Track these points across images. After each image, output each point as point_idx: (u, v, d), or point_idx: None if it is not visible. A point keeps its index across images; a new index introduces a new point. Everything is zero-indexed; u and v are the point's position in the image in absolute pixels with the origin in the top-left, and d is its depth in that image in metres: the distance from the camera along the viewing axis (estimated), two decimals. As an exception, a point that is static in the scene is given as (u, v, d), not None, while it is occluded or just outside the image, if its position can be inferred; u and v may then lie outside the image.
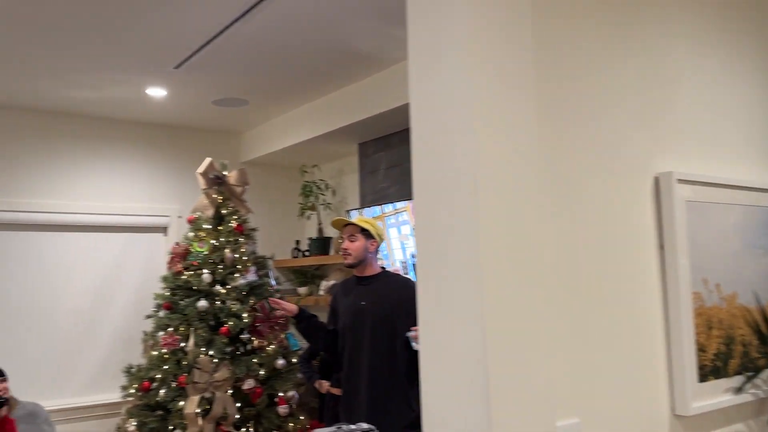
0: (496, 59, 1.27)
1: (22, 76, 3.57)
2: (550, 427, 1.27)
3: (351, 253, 2.95)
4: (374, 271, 3.01)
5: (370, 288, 2.96)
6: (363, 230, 2.94)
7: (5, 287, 4.07)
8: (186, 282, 3.72)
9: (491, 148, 1.25)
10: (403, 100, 3.51)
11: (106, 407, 4.25)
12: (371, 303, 2.91)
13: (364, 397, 2.81)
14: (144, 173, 4.63)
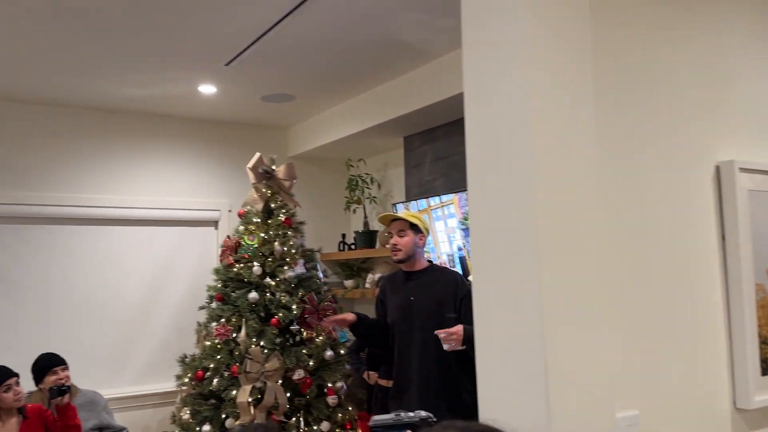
0: (553, 50, 1.27)
1: (82, 76, 3.70)
2: (610, 418, 1.27)
3: (401, 248, 2.94)
4: (422, 265, 3.02)
5: (418, 283, 2.96)
6: (412, 225, 2.94)
7: (66, 281, 4.24)
8: (237, 274, 3.81)
9: (548, 140, 1.25)
10: (448, 92, 3.51)
11: (161, 396, 4.38)
12: (420, 298, 2.92)
13: (415, 390, 2.83)
14: (195, 168, 4.75)
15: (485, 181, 1.32)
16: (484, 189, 1.32)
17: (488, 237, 1.28)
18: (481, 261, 1.28)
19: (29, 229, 4.16)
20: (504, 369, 1.23)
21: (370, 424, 1.41)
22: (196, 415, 3.61)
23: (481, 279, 1.28)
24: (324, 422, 3.63)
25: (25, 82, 3.78)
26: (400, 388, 2.94)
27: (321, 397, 3.72)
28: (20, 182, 4.12)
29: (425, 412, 1.35)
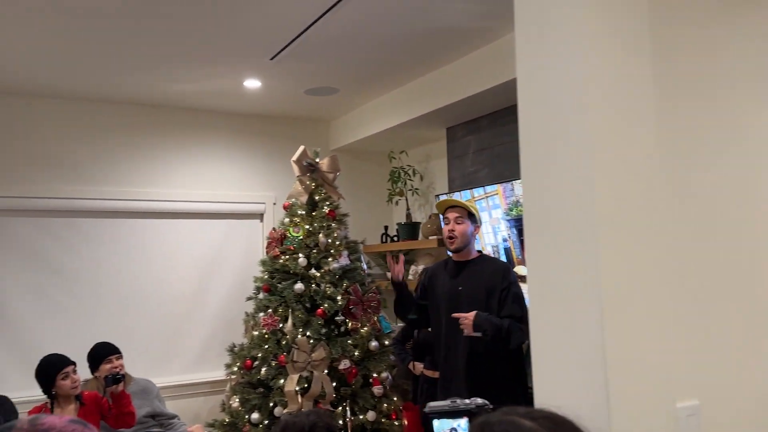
0: (610, 33, 1.25)
1: (132, 74, 3.80)
2: (670, 407, 1.25)
3: (457, 236, 2.92)
4: (473, 255, 3.00)
5: (468, 273, 2.95)
6: (470, 214, 2.92)
7: (118, 273, 4.37)
8: (283, 266, 3.87)
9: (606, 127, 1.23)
10: (492, 82, 3.48)
11: (211, 384, 4.49)
12: (468, 287, 2.91)
13: (463, 381, 2.83)
14: (241, 162, 4.83)
15: (541, 169, 1.31)
16: (540, 177, 1.31)
17: (544, 226, 1.27)
18: (537, 249, 1.27)
19: (82, 222, 4.31)
20: (561, 357, 1.22)
21: (426, 410, 1.41)
22: (245, 403, 3.69)
23: (537, 267, 1.28)
24: (370, 412, 3.66)
25: (77, 80, 3.91)
26: (447, 377, 2.95)
27: (366, 387, 3.75)
28: (72, 177, 4.27)
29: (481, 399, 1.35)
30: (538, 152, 1.33)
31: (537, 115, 1.35)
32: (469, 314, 2.72)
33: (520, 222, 3.45)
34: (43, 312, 4.13)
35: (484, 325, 2.70)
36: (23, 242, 4.11)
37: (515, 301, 2.83)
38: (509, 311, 2.79)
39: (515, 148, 3.92)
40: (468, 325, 2.70)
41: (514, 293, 2.85)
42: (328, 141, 5.16)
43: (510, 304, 2.81)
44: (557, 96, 1.27)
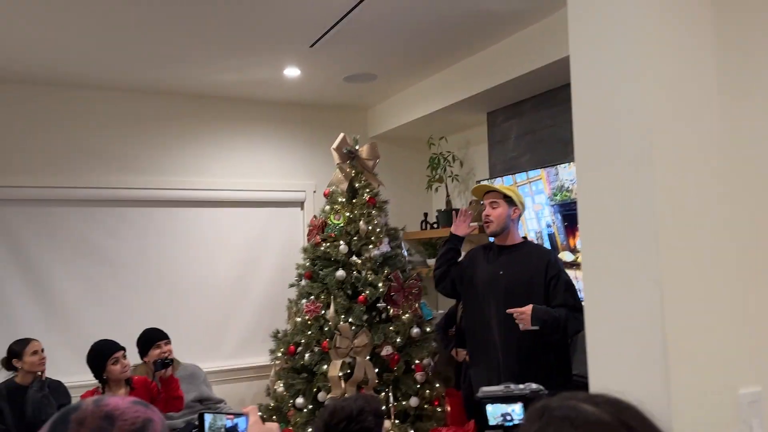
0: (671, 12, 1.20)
1: (175, 64, 3.86)
2: (732, 394, 1.21)
3: (493, 220, 2.89)
4: (515, 240, 2.95)
5: (510, 258, 2.90)
6: (505, 197, 2.88)
7: (164, 260, 4.47)
8: (324, 253, 3.89)
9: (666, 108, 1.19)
10: (535, 65, 3.41)
11: (255, 369, 4.57)
12: (508, 273, 2.86)
13: (501, 366, 2.78)
14: (280, 151, 4.87)
15: (596, 151, 1.27)
16: (595, 160, 1.27)
17: (600, 211, 1.23)
18: (592, 235, 1.24)
19: (128, 211, 4.41)
20: (618, 345, 1.19)
21: (479, 395, 1.40)
22: (290, 388, 3.74)
23: (592, 254, 1.24)
24: (412, 398, 3.67)
25: (120, 71, 3.98)
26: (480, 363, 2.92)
27: (409, 374, 3.76)
28: (118, 167, 4.36)
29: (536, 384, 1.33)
30: (593, 134, 1.29)
31: (592, 96, 1.31)
32: (526, 308, 2.65)
33: (564, 207, 3.39)
34: (92, 299, 4.25)
35: (543, 318, 2.64)
36: (72, 232, 4.23)
37: (567, 290, 2.76)
38: (563, 300, 2.73)
39: (558, 132, 3.84)
40: (525, 319, 2.62)
41: (565, 281, 2.78)
42: (367, 128, 5.15)
43: (563, 293, 2.74)
44: (614, 75, 1.23)
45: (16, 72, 3.92)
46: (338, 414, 1.74)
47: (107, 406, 0.81)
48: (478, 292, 2.97)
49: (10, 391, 3.23)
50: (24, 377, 3.25)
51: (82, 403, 0.82)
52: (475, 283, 3.00)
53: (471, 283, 3.01)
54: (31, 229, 4.12)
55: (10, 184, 4.05)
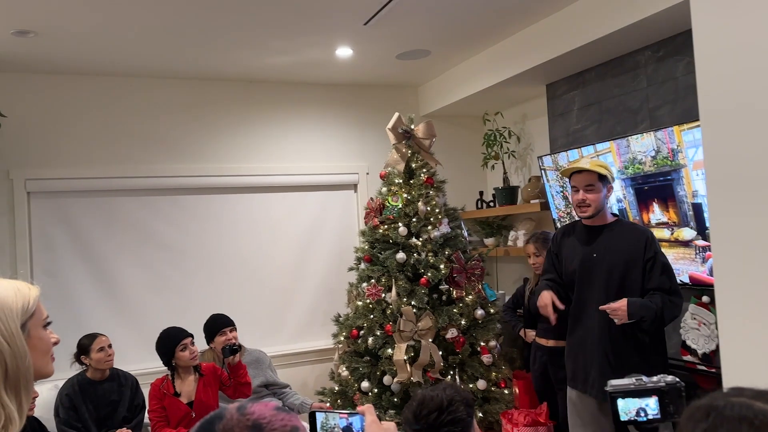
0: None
1: (226, 50, 3.83)
2: None
3: (590, 204, 2.66)
4: (607, 219, 2.74)
5: (603, 239, 2.69)
6: (600, 176, 2.65)
7: (222, 247, 4.49)
8: (383, 235, 3.84)
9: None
10: (598, 33, 3.24)
11: (316, 353, 4.57)
12: (603, 254, 2.67)
13: (597, 352, 2.66)
14: (332, 133, 4.81)
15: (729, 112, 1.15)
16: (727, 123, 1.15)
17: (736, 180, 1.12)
18: (723, 206, 1.13)
19: (186, 199, 4.43)
20: (758, 333, 1.09)
21: (608, 389, 1.31)
22: (354, 371, 3.72)
23: (723, 230, 1.13)
24: (480, 380, 3.61)
25: (174, 59, 3.97)
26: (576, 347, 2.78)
27: (475, 356, 3.70)
28: (176, 156, 4.38)
29: (671, 377, 1.22)
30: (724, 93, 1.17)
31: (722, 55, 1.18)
32: (620, 304, 2.49)
33: (636, 181, 3.24)
34: (155, 287, 4.31)
35: (640, 313, 2.50)
36: (132, 221, 4.28)
37: (664, 272, 2.60)
38: (658, 283, 2.58)
39: (627, 101, 3.67)
40: (621, 315, 2.48)
41: (662, 263, 2.62)
42: (418, 107, 5.04)
43: (658, 276, 2.59)
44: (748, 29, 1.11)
45: (73, 64, 3.96)
46: (428, 404, 1.67)
47: (253, 415, 0.77)
48: (570, 275, 2.79)
49: (82, 386, 3.27)
50: (94, 373, 3.30)
51: (226, 412, 0.78)
52: (568, 269, 2.81)
53: (564, 270, 2.83)
54: (92, 220, 4.18)
55: (71, 176, 4.11)
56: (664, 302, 2.53)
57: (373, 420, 1.13)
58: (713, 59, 1.13)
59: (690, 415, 0.77)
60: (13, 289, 1.10)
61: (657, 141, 3.08)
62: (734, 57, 1.10)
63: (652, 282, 2.59)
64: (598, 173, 2.64)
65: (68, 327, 3.78)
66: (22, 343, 1.05)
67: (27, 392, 1.05)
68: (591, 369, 2.67)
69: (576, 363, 2.75)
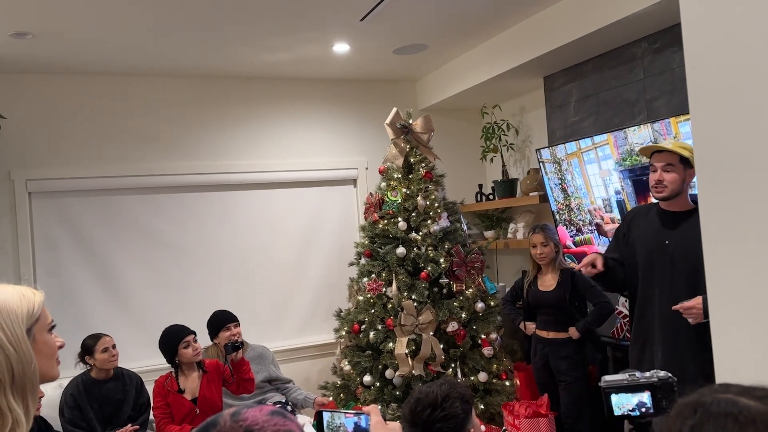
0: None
1: (223, 46, 3.83)
2: None
3: (667, 185, 2.51)
4: (686, 206, 2.55)
5: (679, 226, 2.54)
6: (682, 158, 2.50)
7: (223, 244, 4.51)
8: (383, 230, 3.85)
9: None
10: (595, 25, 3.24)
11: (318, 348, 4.60)
12: (678, 244, 2.51)
13: (658, 344, 2.55)
14: (330, 128, 4.82)
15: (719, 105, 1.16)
16: (716, 115, 1.16)
17: (726, 172, 1.13)
18: (716, 200, 1.14)
19: (186, 197, 4.44)
20: (749, 324, 1.10)
21: (602, 385, 1.32)
22: (356, 366, 3.74)
23: (714, 220, 1.14)
24: (481, 373, 3.63)
25: (172, 57, 3.98)
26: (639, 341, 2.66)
27: (476, 349, 3.72)
28: (175, 154, 4.39)
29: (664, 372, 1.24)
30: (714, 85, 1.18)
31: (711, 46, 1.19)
32: (694, 302, 2.34)
33: (634, 172, 3.25)
34: (156, 285, 4.33)
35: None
36: (133, 219, 4.30)
37: None
38: None
39: (624, 93, 3.68)
40: (696, 314, 2.33)
41: None
42: (416, 101, 5.04)
43: None
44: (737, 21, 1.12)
45: (71, 64, 3.97)
46: (423, 401, 1.69)
47: (246, 421, 0.78)
48: (638, 262, 2.66)
49: (87, 385, 3.29)
50: (98, 373, 3.32)
51: (220, 419, 0.80)
52: (636, 253, 2.67)
53: (632, 253, 2.69)
54: (93, 219, 4.20)
55: (71, 176, 4.13)
56: None
57: (378, 420, 1.15)
58: (702, 51, 1.15)
59: (678, 412, 0.79)
60: (18, 294, 1.12)
61: (654, 132, 3.09)
62: (724, 49, 1.11)
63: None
64: (680, 155, 2.49)
65: (72, 326, 3.81)
66: (27, 348, 1.07)
67: (33, 395, 1.07)
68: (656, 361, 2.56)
69: (643, 353, 2.63)
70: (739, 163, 1.09)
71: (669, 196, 2.53)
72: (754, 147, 1.07)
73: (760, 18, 1.06)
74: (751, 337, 1.08)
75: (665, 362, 2.49)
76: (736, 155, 1.10)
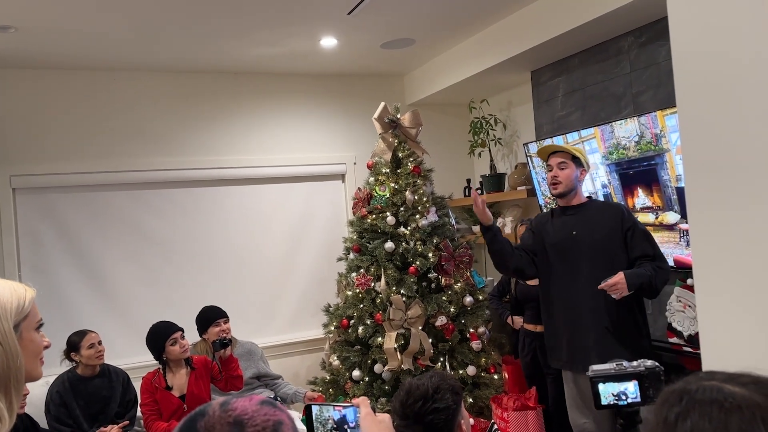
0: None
1: (210, 42, 3.80)
2: None
3: (561, 181, 2.79)
4: (581, 200, 2.87)
5: (578, 217, 2.81)
6: (573, 158, 2.79)
7: (211, 239, 4.48)
8: (372, 225, 3.84)
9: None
10: (581, 19, 3.25)
11: (307, 343, 4.60)
12: (584, 231, 2.76)
13: (590, 331, 2.70)
14: (318, 123, 4.80)
15: (707, 99, 1.16)
16: (706, 109, 1.16)
17: (713, 166, 1.14)
18: (702, 194, 1.15)
19: (174, 192, 4.41)
20: (735, 313, 1.11)
21: (590, 374, 1.33)
22: (345, 361, 3.74)
23: (701, 212, 1.15)
24: (470, 366, 3.64)
25: (158, 52, 3.94)
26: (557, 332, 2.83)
27: (464, 343, 3.73)
28: (161, 149, 4.36)
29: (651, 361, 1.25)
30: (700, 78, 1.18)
31: (697, 39, 1.20)
32: (617, 278, 2.52)
33: (620, 166, 3.27)
34: (144, 281, 4.30)
35: (637, 283, 2.53)
36: (119, 215, 4.26)
37: (645, 239, 2.67)
38: (642, 250, 2.64)
39: (611, 87, 3.70)
40: (620, 288, 2.51)
41: (641, 231, 2.69)
42: (404, 96, 5.04)
43: (641, 243, 2.65)
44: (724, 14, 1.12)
45: (56, 59, 3.92)
46: (413, 393, 1.69)
47: (235, 411, 0.78)
48: (549, 258, 2.87)
49: (73, 382, 3.27)
50: (84, 369, 3.29)
51: (209, 409, 0.79)
52: (548, 250, 2.88)
53: (544, 251, 2.89)
54: (79, 215, 4.16)
55: (56, 171, 4.09)
56: (654, 269, 2.58)
57: (368, 412, 1.15)
58: (689, 45, 1.15)
59: (664, 400, 0.79)
60: (9, 289, 1.10)
61: (640, 126, 3.11)
62: (710, 42, 1.12)
63: (635, 250, 2.66)
64: (572, 154, 2.79)
65: (57, 322, 3.77)
66: (14, 344, 1.06)
67: (17, 392, 1.06)
68: (590, 346, 2.70)
69: (571, 344, 2.77)
70: (725, 158, 1.10)
71: (564, 191, 2.79)
72: (741, 142, 1.07)
73: (746, 11, 1.07)
74: (738, 332, 1.09)
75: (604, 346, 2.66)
76: (722, 150, 1.10)
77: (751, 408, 0.73)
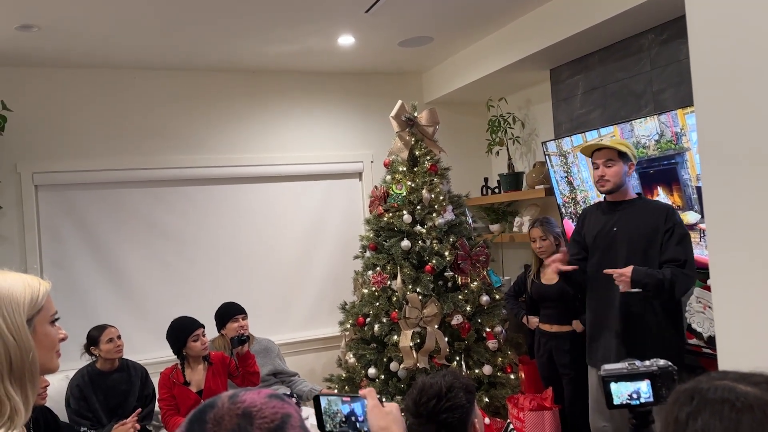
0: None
1: (228, 40, 3.83)
2: None
3: (609, 179, 2.73)
4: (630, 196, 2.81)
5: (624, 213, 2.76)
6: (620, 153, 2.72)
7: (228, 237, 4.52)
8: (388, 223, 3.85)
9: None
10: (601, 16, 3.22)
11: (323, 341, 4.61)
12: (625, 228, 2.72)
13: (614, 333, 2.67)
14: (335, 122, 4.81)
15: (724, 96, 1.15)
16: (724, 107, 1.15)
17: (731, 161, 1.12)
18: (718, 191, 1.13)
19: (192, 190, 4.45)
20: (753, 311, 1.09)
21: (602, 374, 1.32)
22: (361, 358, 3.75)
23: (717, 210, 1.13)
24: (485, 366, 3.63)
25: (177, 51, 3.98)
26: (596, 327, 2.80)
27: (480, 342, 3.72)
28: (179, 147, 4.40)
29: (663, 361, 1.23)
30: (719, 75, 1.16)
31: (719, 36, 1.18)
32: (626, 270, 2.51)
33: (640, 164, 3.22)
34: (162, 278, 4.34)
35: (643, 281, 2.50)
36: (138, 212, 4.31)
37: (680, 243, 2.60)
38: (672, 254, 2.58)
39: (630, 84, 3.67)
40: (625, 281, 2.50)
41: (679, 234, 2.62)
42: (422, 94, 5.02)
43: (674, 247, 2.59)
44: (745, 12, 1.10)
45: (77, 57, 3.98)
46: (427, 392, 1.69)
47: (243, 403, 0.78)
48: (591, 254, 2.85)
49: (92, 376, 3.31)
50: (103, 363, 3.34)
51: (218, 401, 0.80)
52: (589, 244, 2.87)
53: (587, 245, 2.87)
54: (99, 211, 4.22)
55: (77, 168, 4.15)
56: (675, 275, 2.52)
57: (375, 404, 1.15)
58: (707, 44, 1.13)
59: (675, 399, 0.78)
60: (23, 283, 1.12)
61: (661, 125, 3.07)
62: (728, 39, 1.10)
63: (667, 253, 2.60)
64: (618, 150, 2.71)
65: (77, 317, 3.83)
66: (27, 337, 1.07)
67: (33, 385, 1.08)
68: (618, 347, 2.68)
69: (600, 341, 2.74)
70: (743, 155, 1.08)
71: (612, 189, 2.75)
72: (759, 139, 1.05)
73: (764, 8, 1.05)
74: (754, 331, 1.07)
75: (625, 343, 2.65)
76: (740, 147, 1.09)
77: (763, 407, 0.72)
